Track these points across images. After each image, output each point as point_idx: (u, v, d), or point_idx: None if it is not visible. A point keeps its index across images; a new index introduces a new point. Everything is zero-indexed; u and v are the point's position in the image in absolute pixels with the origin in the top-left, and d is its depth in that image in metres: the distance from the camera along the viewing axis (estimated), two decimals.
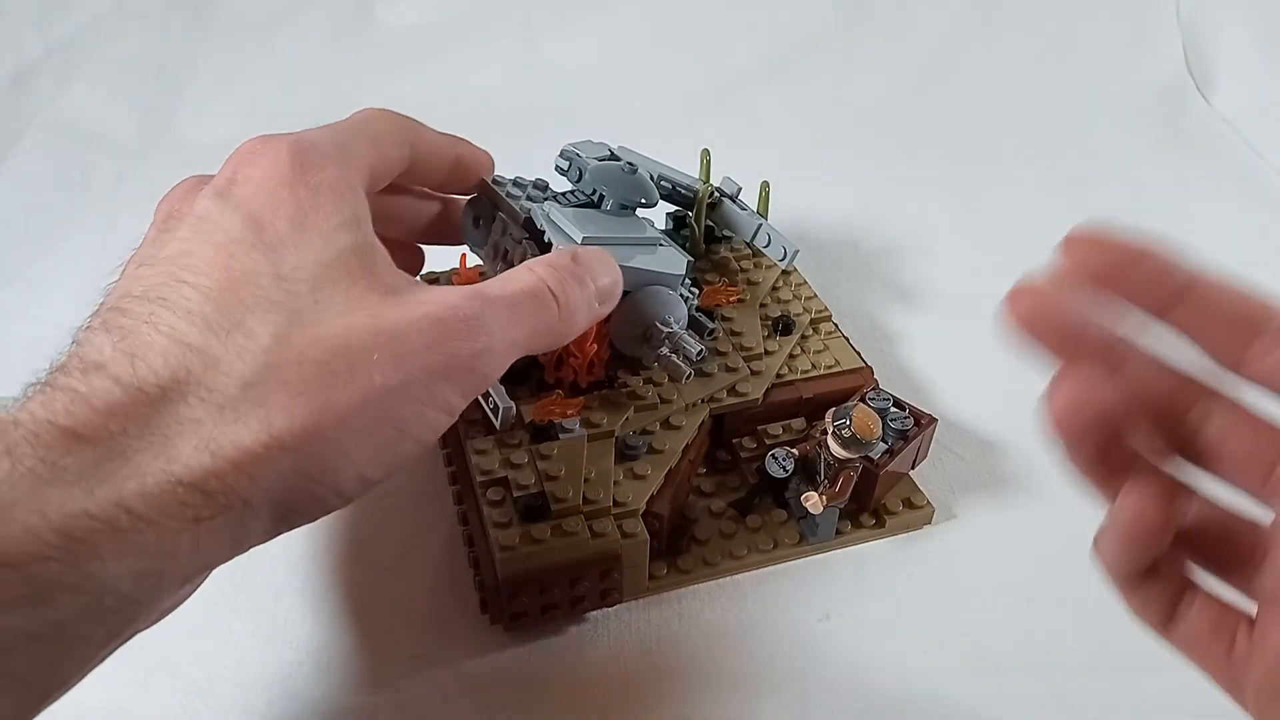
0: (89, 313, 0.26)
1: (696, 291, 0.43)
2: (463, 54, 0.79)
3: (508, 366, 0.29)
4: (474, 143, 0.39)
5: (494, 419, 0.37)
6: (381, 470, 0.26)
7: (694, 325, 0.41)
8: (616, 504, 0.36)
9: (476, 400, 0.38)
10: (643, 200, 0.42)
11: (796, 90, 0.76)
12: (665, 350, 0.38)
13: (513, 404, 0.37)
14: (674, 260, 0.40)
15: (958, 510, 0.42)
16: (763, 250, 0.47)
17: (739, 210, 0.48)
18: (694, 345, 0.38)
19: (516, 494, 0.35)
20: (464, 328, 0.27)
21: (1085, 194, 0.66)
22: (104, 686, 0.34)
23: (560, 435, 0.38)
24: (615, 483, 0.36)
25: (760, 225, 0.47)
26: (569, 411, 0.38)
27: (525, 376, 0.40)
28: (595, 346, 0.39)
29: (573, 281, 0.31)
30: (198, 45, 0.79)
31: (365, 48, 0.80)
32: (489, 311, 0.28)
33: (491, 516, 0.35)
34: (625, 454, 0.38)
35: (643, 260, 0.38)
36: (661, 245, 0.41)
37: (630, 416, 0.39)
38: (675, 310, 0.39)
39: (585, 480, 0.36)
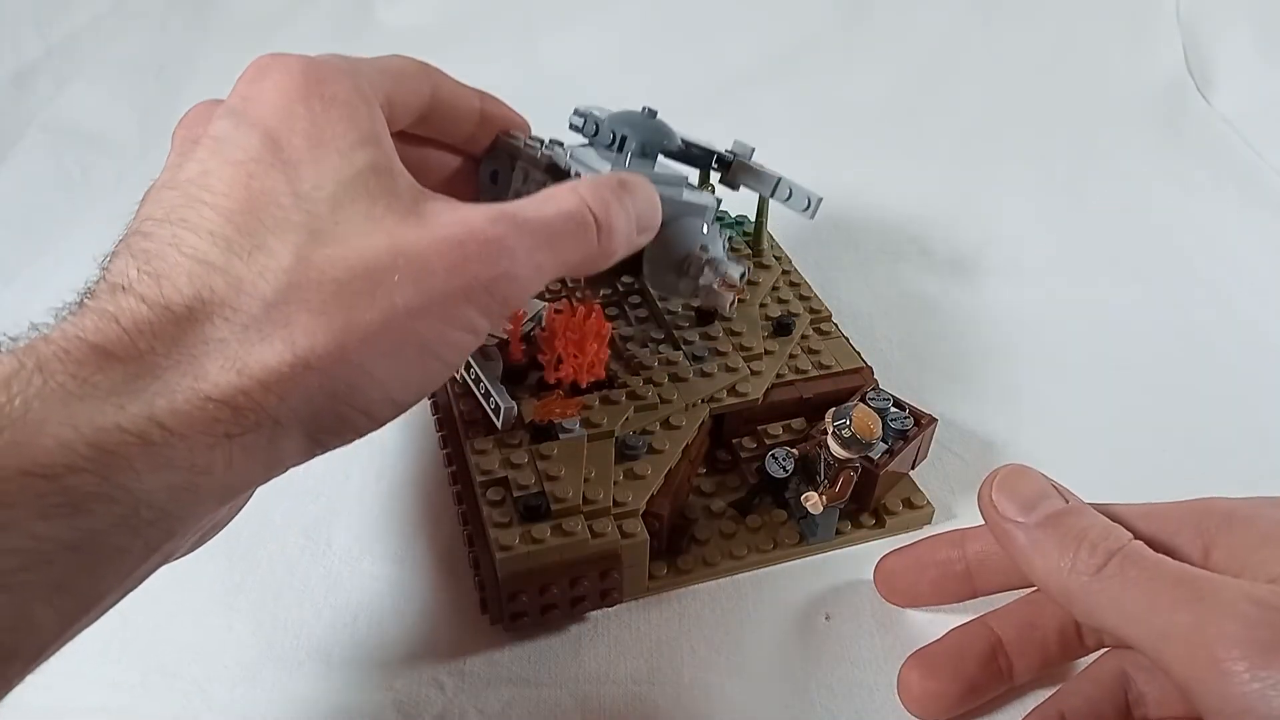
0: (116, 238, 0.26)
1: (730, 235, 0.40)
2: (463, 54, 0.79)
3: (537, 290, 0.28)
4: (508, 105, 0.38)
5: (494, 419, 0.37)
6: (410, 393, 0.26)
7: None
8: (616, 504, 0.36)
9: (476, 400, 0.38)
10: (665, 143, 0.40)
11: (796, 90, 0.76)
12: (705, 279, 0.35)
13: (513, 404, 0.37)
14: (702, 196, 0.38)
15: (958, 510, 0.42)
16: (784, 203, 0.45)
17: (756, 168, 0.46)
18: (736, 268, 0.36)
19: (516, 494, 0.35)
20: (482, 250, 0.26)
21: (1085, 194, 0.65)
22: (104, 687, 0.35)
23: (560, 435, 0.38)
24: (615, 483, 0.36)
25: (780, 179, 0.45)
26: (569, 411, 0.38)
27: (525, 376, 0.40)
28: (595, 346, 0.39)
29: (617, 206, 0.30)
30: (198, 45, 0.79)
31: (365, 48, 0.79)
32: (513, 235, 0.27)
33: (491, 516, 0.35)
34: (625, 454, 0.38)
35: (672, 192, 0.36)
36: (688, 186, 0.39)
37: (630, 416, 0.39)
38: (711, 239, 0.37)
39: (585, 480, 0.36)
